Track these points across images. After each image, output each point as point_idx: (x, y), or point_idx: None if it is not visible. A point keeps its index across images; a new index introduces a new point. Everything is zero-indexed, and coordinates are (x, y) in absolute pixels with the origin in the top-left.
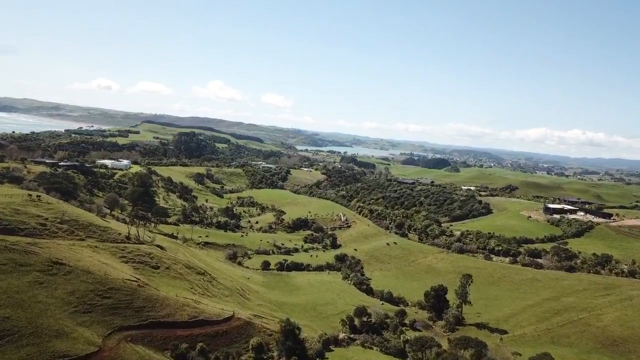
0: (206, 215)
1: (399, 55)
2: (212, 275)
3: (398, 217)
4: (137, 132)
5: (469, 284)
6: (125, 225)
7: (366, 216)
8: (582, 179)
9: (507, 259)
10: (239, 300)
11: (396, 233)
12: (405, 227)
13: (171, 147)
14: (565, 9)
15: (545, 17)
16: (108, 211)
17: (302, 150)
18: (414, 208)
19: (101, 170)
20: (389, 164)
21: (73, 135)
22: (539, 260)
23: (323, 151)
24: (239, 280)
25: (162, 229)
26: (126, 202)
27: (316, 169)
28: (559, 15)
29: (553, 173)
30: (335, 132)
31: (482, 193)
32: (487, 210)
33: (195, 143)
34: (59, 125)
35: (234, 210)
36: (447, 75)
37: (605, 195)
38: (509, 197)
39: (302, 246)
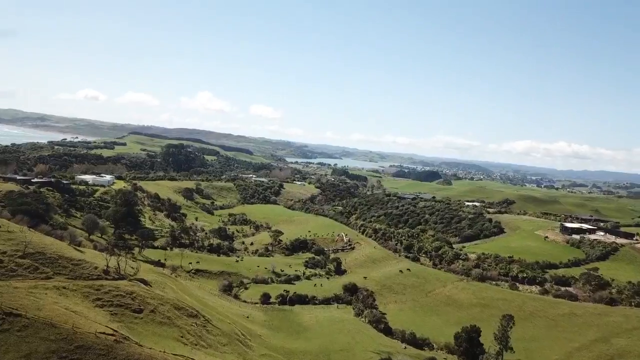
0: (197, 237)
1: (385, 68)
2: (206, 317)
3: (404, 237)
4: (124, 144)
5: (511, 327)
6: (104, 255)
7: (370, 236)
8: (572, 192)
9: (535, 288)
10: (239, 349)
11: (406, 257)
12: (415, 249)
13: (159, 160)
14: (549, 23)
15: (528, 31)
16: (86, 235)
17: (292, 163)
18: (419, 227)
19: (80, 187)
20: (380, 177)
21: (56, 147)
22: (571, 290)
23: (313, 163)
24: (238, 321)
25: (148, 254)
26: (107, 223)
27: (309, 183)
28: (542, 29)
29: (543, 185)
30: (324, 143)
31: (490, 210)
32: (499, 230)
33: (184, 155)
34: (43, 137)
35: (227, 230)
36: (433, 88)
37: (602, 210)
38: (518, 214)
39: (304, 273)
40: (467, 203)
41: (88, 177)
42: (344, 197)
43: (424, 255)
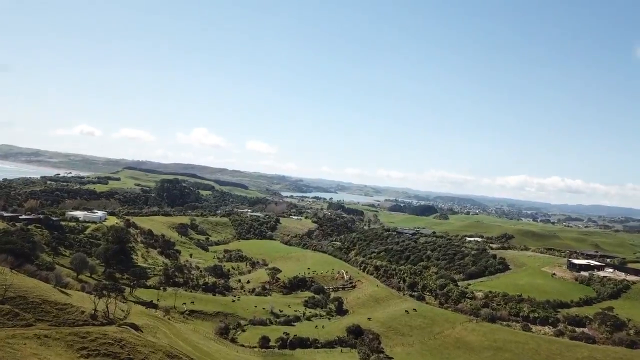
0: (191, 276)
1: (379, 105)
2: None
3: (406, 274)
4: (118, 179)
5: None
6: (92, 297)
7: (371, 273)
8: (568, 226)
9: (548, 329)
10: None
11: (411, 295)
12: (419, 287)
13: (153, 195)
14: (540, 60)
15: (516, 65)
16: (74, 275)
17: (287, 197)
18: (421, 263)
19: (71, 223)
20: (376, 211)
21: (48, 182)
22: (586, 331)
23: (308, 197)
24: None
25: (140, 294)
26: (97, 261)
27: (306, 217)
28: (533, 67)
29: (539, 220)
30: (319, 178)
31: (493, 246)
32: (505, 266)
33: (179, 190)
34: (37, 172)
35: (222, 267)
36: (426, 124)
37: (602, 245)
38: (522, 250)
39: (304, 313)
40: (468, 238)
41: (79, 213)
42: (341, 232)
43: (428, 293)
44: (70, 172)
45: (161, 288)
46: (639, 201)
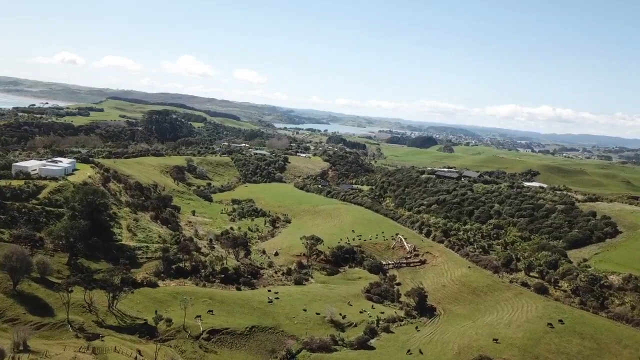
0: (202, 257)
1: (368, 30)
2: None
3: (478, 236)
4: (101, 110)
5: None
6: None
7: (440, 241)
8: (568, 157)
9: None
10: None
11: (524, 284)
12: (521, 265)
13: (140, 129)
14: None
15: None
16: (10, 286)
17: (280, 128)
18: (491, 221)
19: (16, 182)
20: (377, 144)
21: (20, 114)
22: None
23: (303, 129)
24: None
25: (126, 306)
26: (55, 244)
27: (314, 155)
28: None
29: (537, 150)
30: (310, 109)
31: (579, 197)
32: (614, 229)
33: (169, 123)
34: (15, 102)
35: (239, 232)
36: (417, 50)
37: (634, 181)
38: (612, 201)
39: (377, 318)
40: (525, 184)
41: (32, 164)
42: (357, 172)
43: (537, 275)
44: (47, 103)
45: (159, 282)
46: (626, 130)
